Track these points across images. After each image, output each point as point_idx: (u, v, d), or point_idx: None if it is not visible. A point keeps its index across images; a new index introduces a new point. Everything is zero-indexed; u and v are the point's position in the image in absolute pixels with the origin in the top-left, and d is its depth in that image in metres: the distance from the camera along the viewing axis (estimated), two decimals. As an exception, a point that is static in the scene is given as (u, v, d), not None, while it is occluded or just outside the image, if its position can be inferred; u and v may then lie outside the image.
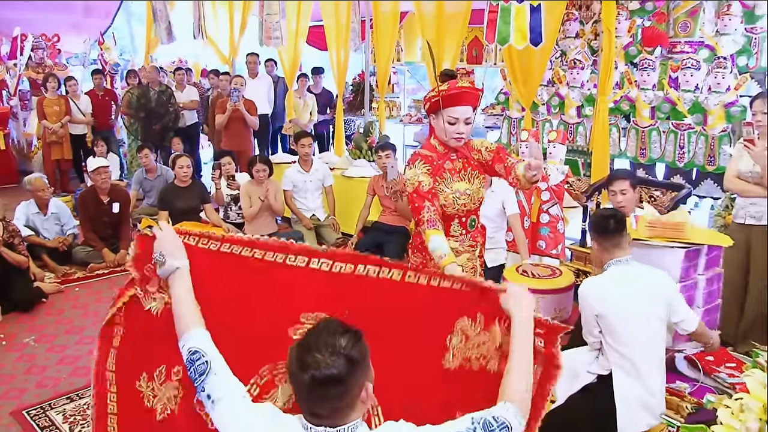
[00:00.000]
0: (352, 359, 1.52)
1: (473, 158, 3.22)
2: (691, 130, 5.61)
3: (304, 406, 1.58)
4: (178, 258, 2.00)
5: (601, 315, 3.03)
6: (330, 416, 1.55)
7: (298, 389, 1.56)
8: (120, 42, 11.65)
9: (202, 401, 1.75)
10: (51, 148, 8.50)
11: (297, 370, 1.52)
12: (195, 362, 1.74)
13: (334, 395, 1.52)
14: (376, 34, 7.53)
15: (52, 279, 5.57)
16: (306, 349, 1.53)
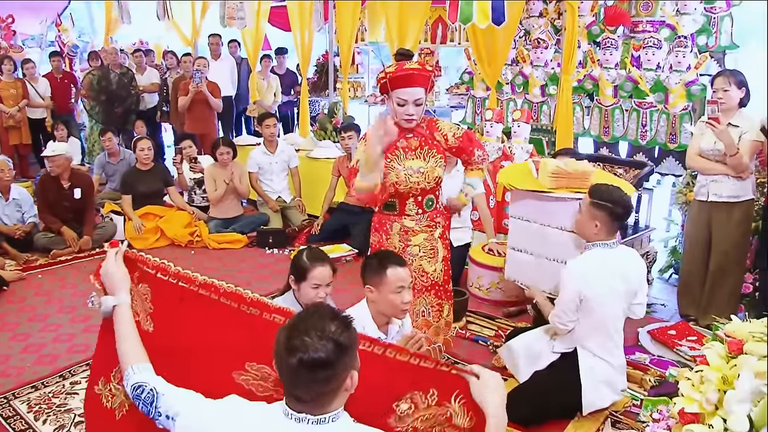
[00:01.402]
0: (340, 344, 1.52)
1: (434, 138, 3.24)
2: (653, 108, 5.69)
3: (289, 390, 1.57)
4: (118, 293, 1.98)
5: (586, 297, 3.04)
6: (313, 401, 1.54)
7: (285, 373, 1.55)
8: (78, 23, 11.36)
9: (163, 425, 1.72)
10: (9, 133, 8.29)
11: (285, 353, 1.51)
12: (141, 396, 1.74)
13: (321, 379, 1.52)
14: (338, 14, 7.47)
15: (13, 267, 5.46)
16: (295, 333, 1.52)
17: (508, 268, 3.89)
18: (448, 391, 1.94)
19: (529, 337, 3.49)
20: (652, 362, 3.75)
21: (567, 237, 3.48)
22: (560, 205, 3.49)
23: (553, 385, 3.15)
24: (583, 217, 3.11)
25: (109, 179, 7.06)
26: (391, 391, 1.93)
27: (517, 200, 3.74)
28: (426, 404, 1.94)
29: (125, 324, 1.93)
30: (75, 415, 3.30)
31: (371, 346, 1.90)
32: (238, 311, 1.93)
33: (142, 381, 1.76)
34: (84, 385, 3.58)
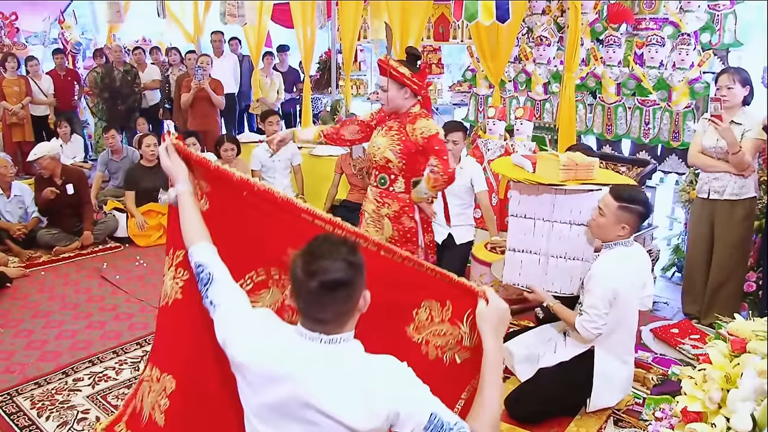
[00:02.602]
0: (354, 264, 1.63)
1: (406, 129, 3.55)
2: (656, 106, 5.67)
3: (310, 312, 1.66)
4: (177, 184, 2.14)
5: (618, 298, 3.01)
6: (333, 320, 1.65)
7: (305, 296, 1.63)
8: (81, 20, 11.34)
9: (206, 307, 1.89)
10: (12, 130, 8.28)
11: (305, 278, 1.60)
12: (200, 274, 1.92)
13: (340, 299, 1.63)
14: (341, 11, 7.46)
15: (17, 263, 5.48)
16: (312, 258, 1.62)
17: (506, 272, 3.64)
18: (462, 308, 1.99)
19: (528, 338, 3.49)
20: (654, 360, 3.75)
21: (576, 231, 3.40)
22: (573, 198, 3.36)
23: (558, 384, 3.14)
24: (608, 219, 3.02)
25: (112, 176, 7.06)
26: (412, 295, 2.03)
27: (520, 197, 3.53)
28: (441, 318, 2.03)
29: (186, 209, 2.08)
30: (78, 412, 3.31)
31: (393, 255, 2.01)
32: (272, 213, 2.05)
33: (203, 261, 1.94)
34: (87, 382, 3.59)
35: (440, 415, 1.63)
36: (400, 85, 3.51)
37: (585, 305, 3.05)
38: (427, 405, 1.64)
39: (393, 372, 1.67)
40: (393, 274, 2.00)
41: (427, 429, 1.62)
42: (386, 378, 1.65)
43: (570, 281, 3.42)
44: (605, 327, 3.04)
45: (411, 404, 1.63)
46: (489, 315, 1.89)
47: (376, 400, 1.61)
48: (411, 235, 3.78)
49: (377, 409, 1.61)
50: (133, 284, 5.07)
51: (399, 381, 1.66)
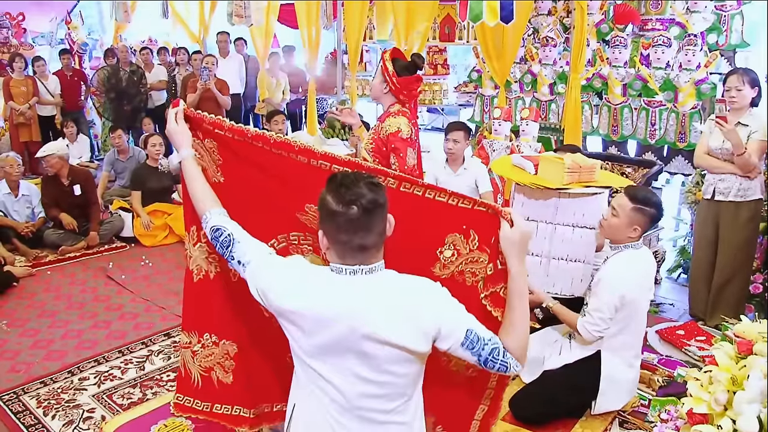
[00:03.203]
0: (379, 185, 1.72)
1: (378, 129, 3.56)
2: (662, 107, 5.66)
3: (354, 241, 1.68)
4: (181, 150, 2.14)
5: (627, 301, 3.00)
6: (374, 245, 1.71)
7: (346, 226, 1.66)
8: (87, 21, 11.38)
9: (235, 268, 1.93)
10: (19, 130, 8.31)
11: (343, 208, 1.65)
12: (219, 238, 1.94)
13: (379, 220, 1.70)
14: (347, 12, 7.46)
15: (23, 262, 5.49)
16: (345, 189, 1.67)
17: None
18: (488, 234, 2.00)
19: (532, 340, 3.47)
20: (660, 362, 3.74)
21: (579, 234, 3.42)
22: (576, 201, 3.37)
23: (564, 386, 3.14)
24: (621, 220, 3.00)
25: (118, 176, 7.08)
26: (434, 234, 2.05)
27: (524, 199, 3.54)
28: (468, 249, 2.05)
29: (192, 175, 2.12)
30: (83, 411, 3.31)
31: (412, 187, 2.01)
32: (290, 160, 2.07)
33: (219, 224, 1.96)
34: (93, 381, 3.60)
35: (476, 331, 1.73)
36: (382, 79, 3.53)
37: (590, 307, 3.04)
38: (464, 322, 1.73)
39: (433, 292, 1.75)
40: (415, 210, 2.01)
41: (464, 344, 1.72)
42: (428, 298, 1.74)
43: (571, 283, 3.42)
44: (607, 331, 3.03)
45: (451, 321, 1.72)
46: (513, 238, 1.91)
47: (423, 320, 1.70)
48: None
49: (426, 328, 1.70)
50: (139, 284, 5.08)
51: (439, 300, 1.74)
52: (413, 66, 3.55)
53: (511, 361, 1.77)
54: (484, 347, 1.73)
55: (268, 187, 2.14)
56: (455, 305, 1.76)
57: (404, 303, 1.71)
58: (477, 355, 1.74)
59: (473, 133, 6.60)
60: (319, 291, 1.74)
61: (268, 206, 2.16)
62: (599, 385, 3.11)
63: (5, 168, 5.82)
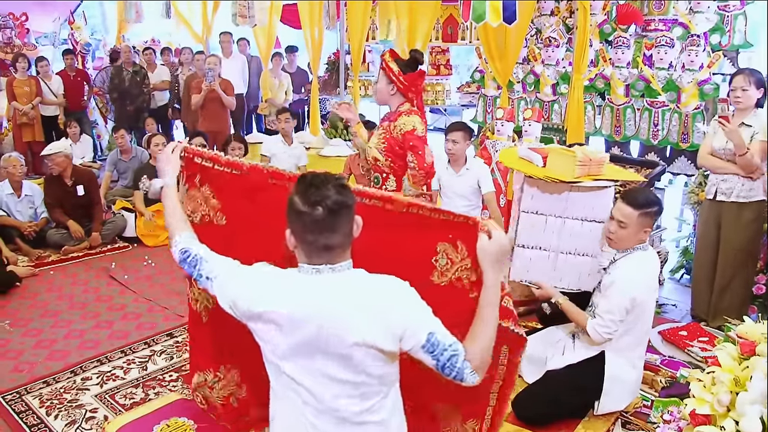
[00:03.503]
0: (346, 187, 1.75)
1: (390, 126, 3.58)
2: (665, 107, 5.66)
3: (319, 241, 1.72)
4: (165, 177, 2.27)
5: (637, 303, 3.00)
6: (340, 245, 1.74)
7: (312, 227, 1.70)
8: (91, 21, 11.40)
9: (205, 286, 1.97)
10: (22, 130, 8.32)
11: (308, 209, 1.69)
12: (186, 259, 2.00)
13: (345, 221, 1.73)
14: (349, 12, 7.46)
15: (26, 262, 5.50)
16: (311, 190, 1.71)
17: (514, 269, 3.63)
18: (472, 241, 2.01)
19: (535, 340, 3.48)
20: (663, 363, 3.73)
21: (588, 228, 3.39)
22: (586, 194, 3.34)
23: (567, 386, 3.13)
24: (631, 230, 3.00)
25: (121, 176, 7.09)
26: (426, 245, 2.11)
27: (533, 192, 3.47)
28: (460, 257, 2.08)
29: (170, 201, 2.21)
30: (86, 411, 3.32)
31: (394, 206, 2.07)
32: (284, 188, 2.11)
33: (188, 246, 2.02)
34: (95, 381, 3.61)
35: (437, 335, 1.72)
36: (388, 80, 3.55)
37: (601, 309, 3.04)
38: (427, 324, 1.73)
39: (402, 291, 1.77)
40: (403, 225, 2.09)
41: (424, 347, 1.71)
42: (397, 297, 1.75)
43: (578, 277, 3.42)
44: (617, 333, 3.04)
45: (416, 322, 1.73)
46: (490, 249, 1.91)
47: (391, 319, 1.71)
48: None
49: (393, 327, 1.71)
50: (142, 284, 5.08)
51: (408, 299, 1.76)
52: (414, 62, 3.58)
53: (467, 371, 1.74)
54: (444, 352, 1.72)
55: (268, 221, 2.17)
56: (422, 306, 1.77)
57: (372, 302, 1.73)
58: (436, 360, 1.73)
59: (476, 133, 6.60)
60: (288, 292, 1.76)
61: (272, 240, 2.18)
62: (603, 385, 3.11)
63: (8, 168, 5.83)
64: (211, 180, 2.37)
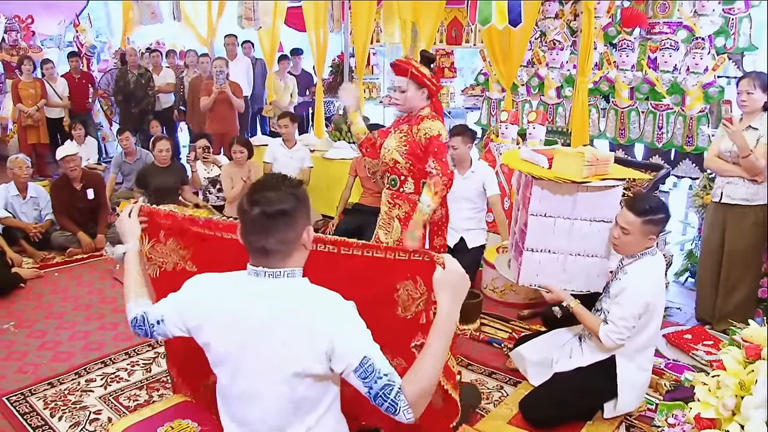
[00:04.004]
0: (297, 196, 1.72)
1: (412, 130, 3.56)
2: (669, 110, 5.65)
3: (254, 241, 1.72)
4: (129, 241, 2.27)
5: (650, 309, 3.01)
6: (276, 251, 1.71)
7: (249, 225, 1.71)
8: (96, 24, 11.44)
9: (160, 333, 1.93)
10: (27, 132, 8.37)
11: (248, 207, 1.69)
12: (136, 325, 1.99)
13: (281, 227, 1.70)
14: (354, 15, 7.47)
15: (31, 264, 5.52)
16: (256, 189, 1.72)
17: (523, 273, 3.54)
18: (429, 275, 1.96)
19: (540, 343, 3.48)
20: (667, 366, 3.72)
21: (597, 228, 3.36)
22: (594, 194, 3.32)
23: (575, 389, 3.13)
24: (634, 236, 3.00)
25: (126, 178, 7.11)
26: (386, 284, 2.15)
27: (542, 195, 3.39)
28: (419, 292, 2.13)
29: (130, 266, 2.19)
30: (90, 413, 3.32)
31: (350, 249, 2.12)
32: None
33: (135, 313, 2.00)
34: (99, 383, 3.61)
35: (373, 361, 1.62)
36: (419, 86, 3.52)
37: (613, 316, 3.02)
38: (362, 347, 1.64)
39: (335, 307, 1.71)
40: (363, 268, 2.14)
41: (357, 371, 1.62)
42: (327, 311, 1.69)
43: (587, 279, 3.40)
44: (629, 339, 3.04)
45: (347, 342, 1.64)
46: (445, 280, 1.83)
47: (316, 332, 1.65)
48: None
49: (318, 343, 1.64)
50: (146, 286, 5.09)
51: (340, 315, 1.69)
52: (429, 61, 3.59)
53: (401, 404, 1.61)
54: (377, 380, 1.60)
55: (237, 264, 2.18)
56: (358, 327, 1.67)
57: (300, 310, 1.68)
58: (368, 387, 1.61)
59: (480, 136, 6.60)
60: (223, 295, 1.78)
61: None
62: (611, 388, 3.10)
63: (14, 170, 5.84)
64: (174, 234, 2.41)
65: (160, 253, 2.44)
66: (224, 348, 1.76)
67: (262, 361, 1.71)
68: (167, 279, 2.40)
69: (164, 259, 2.44)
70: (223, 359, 1.78)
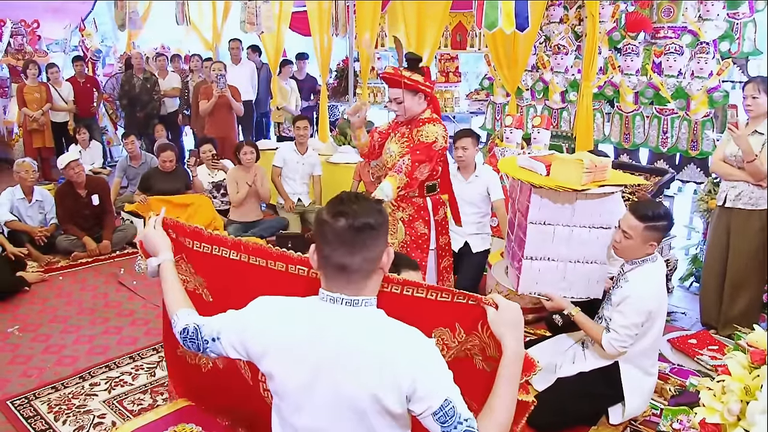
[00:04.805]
0: (382, 212, 1.64)
1: (412, 134, 3.62)
2: (674, 115, 5.64)
3: (336, 257, 1.60)
4: (161, 253, 2.15)
5: (652, 315, 2.99)
6: (358, 270, 1.60)
7: (332, 240, 1.59)
8: (101, 28, 11.49)
9: (213, 351, 1.82)
10: (32, 136, 8.39)
11: (331, 219, 1.58)
12: (188, 336, 1.86)
13: (368, 243, 1.59)
14: (358, 19, 7.49)
15: (36, 268, 5.53)
16: (340, 203, 1.62)
17: (522, 281, 3.51)
18: (472, 321, 1.91)
19: (544, 348, 3.47)
20: (672, 371, 3.71)
21: (596, 235, 3.34)
22: (593, 201, 3.30)
23: (578, 394, 3.12)
24: (635, 241, 2.99)
25: (130, 182, 7.13)
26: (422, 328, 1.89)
27: (541, 203, 3.37)
28: (456, 341, 1.96)
29: (168, 279, 2.08)
30: (94, 417, 3.33)
31: (388, 285, 1.91)
32: (266, 269, 2.14)
33: (185, 324, 1.88)
34: (103, 387, 3.61)
35: (454, 404, 1.53)
36: (414, 92, 3.55)
37: (616, 324, 3.01)
38: (444, 389, 1.54)
39: (418, 345, 1.60)
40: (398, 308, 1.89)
41: (436, 414, 1.52)
42: (410, 349, 1.58)
43: (587, 285, 3.40)
44: (631, 346, 3.03)
45: (430, 382, 1.54)
46: (503, 320, 1.77)
47: (399, 371, 1.54)
48: (422, 242, 3.82)
49: (401, 382, 1.53)
50: (150, 290, 5.08)
51: (422, 355, 1.58)
52: (416, 62, 3.59)
53: None
54: (458, 426, 1.52)
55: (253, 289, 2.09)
56: (441, 367, 1.58)
57: (382, 347, 1.57)
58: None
59: (485, 140, 6.60)
60: (292, 321, 1.67)
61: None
62: (615, 393, 3.09)
63: (21, 173, 5.87)
64: (190, 259, 2.33)
65: (182, 270, 2.34)
66: (290, 380, 1.65)
67: (331, 397, 1.60)
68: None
69: (186, 277, 2.35)
70: (287, 391, 1.67)
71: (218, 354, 1.83)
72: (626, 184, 3.56)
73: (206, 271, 2.31)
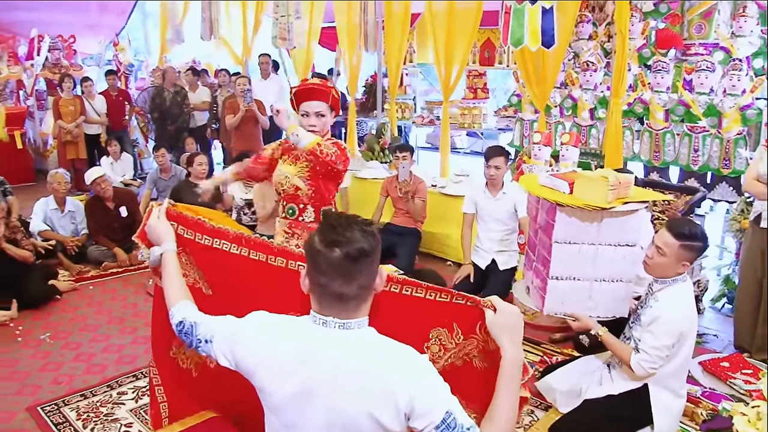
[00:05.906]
0: (375, 236, 1.61)
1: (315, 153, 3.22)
2: (705, 132, 5.57)
3: (331, 287, 1.58)
4: (165, 243, 2.17)
5: (683, 337, 2.96)
6: (354, 297, 1.60)
7: (327, 270, 1.58)
8: (134, 43, 11.72)
9: (204, 351, 1.84)
10: (66, 148, 8.56)
11: (324, 249, 1.57)
12: (182, 330, 1.88)
13: (364, 270, 1.59)
14: (387, 35, 7.54)
15: (67, 277, 5.62)
16: (333, 230, 1.59)
17: (548, 302, 3.45)
18: (470, 323, 1.91)
19: (570, 371, 3.43)
20: (704, 395, 3.63)
21: (621, 253, 3.30)
22: (620, 219, 3.25)
23: (606, 416, 3.08)
24: (669, 259, 2.95)
25: (160, 194, 7.21)
26: (416, 332, 1.96)
27: (567, 221, 3.31)
28: (454, 343, 1.96)
29: (170, 269, 2.08)
30: (121, 425, 3.36)
31: (388, 284, 1.91)
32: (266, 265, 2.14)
33: (182, 317, 1.89)
34: (131, 396, 3.64)
35: (455, 415, 1.53)
36: (332, 109, 3.40)
37: (646, 345, 2.96)
38: (443, 402, 1.55)
39: (410, 362, 1.60)
40: (396, 308, 1.94)
41: (439, 428, 1.52)
42: (404, 368, 1.57)
43: (613, 303, 3.35)
44: (661, 368, 2.99)
45: (428, 399, 1.54)
46: (501, 323, 1.78)
47: (395, 390, 1.54)
48: None
49: (398, 400, 1.53)
50: (178, 301, 5.14)
51: (416, 372, 1.58)
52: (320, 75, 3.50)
53: None
54: None
55: (251, 295, 2.12)
56: (439, 382, 1.58)
57: (372, 366, 1.57)
58: None
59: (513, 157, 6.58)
60: (284, 339, 1.66)
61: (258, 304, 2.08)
62: (643, 417, 3.04)
63: (54, 184, 5.99)
64: (191, 251, 2.30)
65: (182, 263, 2.30)
66: (277, 395, 1.65)
67: (325, 418, 1.59)
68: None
69: (186, 271, 2.32)
70: (278, 408, 1.67)
71: (208, 355, 1.85)
72: (651, 200, 3.51)
73: (206, 265, 2.30)
